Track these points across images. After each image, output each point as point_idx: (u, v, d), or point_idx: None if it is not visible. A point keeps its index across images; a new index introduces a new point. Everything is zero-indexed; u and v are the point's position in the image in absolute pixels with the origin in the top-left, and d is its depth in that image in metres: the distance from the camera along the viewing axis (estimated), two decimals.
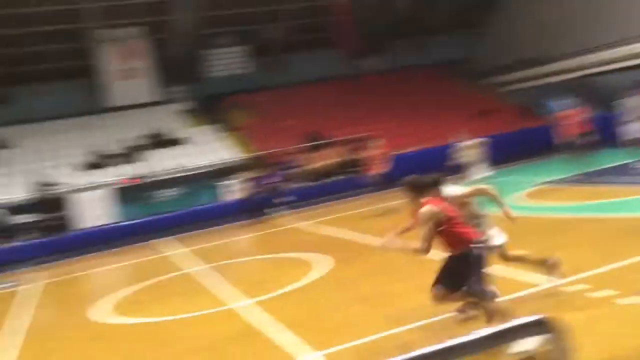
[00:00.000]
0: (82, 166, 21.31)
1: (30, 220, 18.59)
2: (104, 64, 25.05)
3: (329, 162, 21.57)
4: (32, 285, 13.44)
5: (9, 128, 23.48)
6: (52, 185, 19.46)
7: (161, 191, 19.94)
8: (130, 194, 19.62)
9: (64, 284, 13.66)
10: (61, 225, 18.53)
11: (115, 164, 21.41)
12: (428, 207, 5.39)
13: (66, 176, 20.56)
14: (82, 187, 19.82)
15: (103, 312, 9.54)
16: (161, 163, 21.45)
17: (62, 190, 19.39)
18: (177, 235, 17.31)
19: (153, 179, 20.14)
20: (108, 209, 19.21)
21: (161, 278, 11.65)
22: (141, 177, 20.13)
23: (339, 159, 21.37)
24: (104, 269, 14.87)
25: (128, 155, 21.82)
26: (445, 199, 5.69)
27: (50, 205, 18.75)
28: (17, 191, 19.75)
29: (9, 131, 23.35)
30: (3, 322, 9.99)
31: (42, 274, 14.88)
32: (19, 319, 10.09)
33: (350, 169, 20.72)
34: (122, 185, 19.83)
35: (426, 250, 5.36)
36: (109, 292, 11.24)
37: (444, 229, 5.37)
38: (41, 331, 9.36)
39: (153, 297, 10.31)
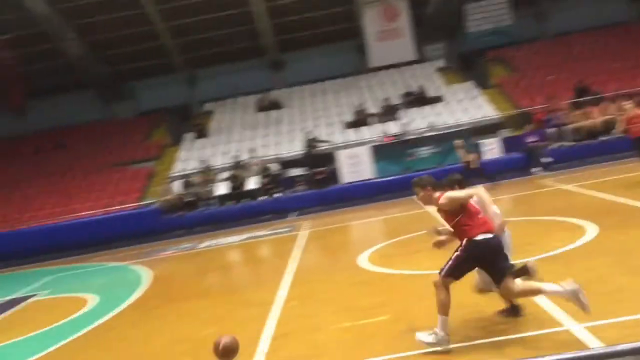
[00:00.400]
0: (346, 124, 22.71)
1: (300, 174, 20.57)
2: (367, 25, 26.08)
3: (596, 119, 19.48)
4: (299, 232, 14.98)
5: (283, 91, 26.26)
6: (320, 142, 21.19)
7: (417, 149, 20.25)
8: (387, 151, 20.33)
9: (326, 233, 14.94)
10: (326, 179, 20.13)
11: (376, 122, 22.35)
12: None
13: (332, 134, 22.19)
14: (346, 144, 21.18)
15: (361, 260, 10.22)
16: (419, 121, 21.77)
17: (329, 147, 20.99)
18: None
19: (409, 137, 20.56)
20: (367, 165, 20.23)
21: (417, 234, 11.97)
22: (398, 135, 20.70)
23: (607, 117, 19.12)
24: (363, 222, 15.85)
25: (387, 113, 22.59)
26: None
27: (317, 161, 20.46)
28: (289, 147, 21.99)
29: (283, 93, 26.10)
30: (278, 263, 11.34)
31: (307, 223, 16.44)
32: (289, 261, 11.36)
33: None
34: (380, 143, 20.67)
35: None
36: (367, 243, 11.96)
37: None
38: (308, 272, 10.43)
39: (406, 250, 10.68)
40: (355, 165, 20.19)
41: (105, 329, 9.05)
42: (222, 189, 20.00)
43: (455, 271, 5.74)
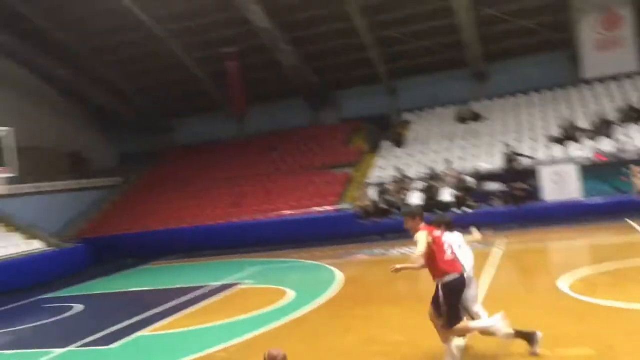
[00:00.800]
0: (552, 139, 21.41)
1: (497, 188, 19.87)
2: (583, 34, 24.31)
3: None
4: (493, 249, 14.49)
5: (484, 102, 25.59)
6: (521, 156, 20.29)
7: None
8: (598, 170, 18.78)
9: (523, 252, 14.25)
10: (526, 196, 19.19)
11: (585, 139, 20.75)
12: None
13: (535, 149, 21.09)
14: (550, 159, 20.00)
15: (562, 285, 9.61)
16: (639, 139, 19.76)
17: (530, 162, 19.99)
18: None
19: (626, 156, 18.75)
20: (574, 184, 18.89)
21: (627, 262, 10.93)
22: (611, 154, 19.00)
23: None
24: (565, 244, 14.84)
25: (600, 129, 20.84)
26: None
27: (517, 176, 19.61)
28: (487, 161, 21.36)
29: (484, 105, 25.44)
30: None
31: (502, 240, 15.83)
32: (482, 278, 11.07)
33: None
34: (591, 162, 19.17)
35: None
36: (569, 267, 11.20)
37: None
38: (501, 292, 10.08)
39: (615, 280, 9.80)
40: (560, 184, 18.97)
41: (302, 322, 9.70)
42: (415, 198, 20.12)
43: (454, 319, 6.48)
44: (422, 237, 6.54)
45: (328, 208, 21.43)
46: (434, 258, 6.55)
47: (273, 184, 24.22)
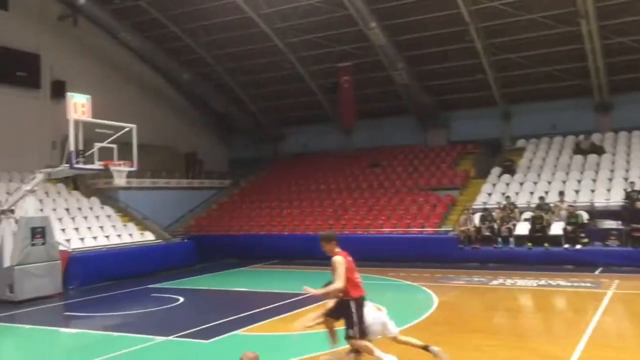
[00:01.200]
0: None
1: (615, 227, 18.63)
2: None
3: None
4: (604, 291, 13.60)
5: (607, 135, 24.14)
6: None
7: None
8: None
9: (635, 296, 13.28)
10: None
11: None
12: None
13: None
14: None
15: None
16: None
17: None
18: None
19: None
20: None
21: None
22: None
23: None
24: None
25: None
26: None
27: (638, 216, 18.29)
28: (604, 196, 20.11)
29: (606, 137, 24.00)
30: (574, 319, 10.51)
31: (615, 282, 14.80)
32: (587, 319, 10.42)
33: None
34: None
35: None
36: None
37: None
38: (606, 336, 9.44)
39: None
40: None
41: (391, 342, 9.58)
42: (522, 228, 19.32)
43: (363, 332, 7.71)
44: (341, 261, 7.64)
45: (429, 229, 21.10)
46: (348, 279, 7.66)
47: (376, 199, 24.21)
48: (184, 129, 31.20)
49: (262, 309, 12.70)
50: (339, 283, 7.61)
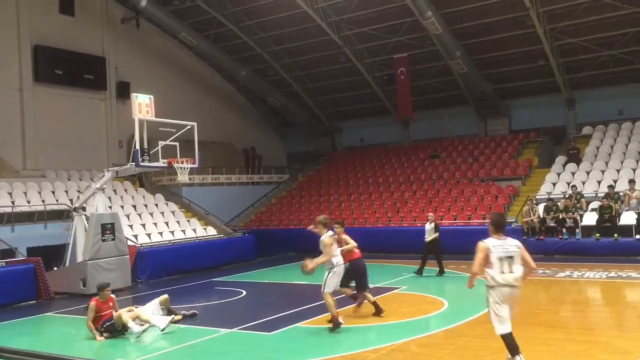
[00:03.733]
0: None
1: None
2: None
3: None
4: None
5: None
6: None
7: None
8: None
9: None
10: None
11: None
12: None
13: None
14: None
15: None
16: None
17: None
18: None
19: None
20: None
21: None
22: None
23: None
24: None
25: None
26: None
27: None
28: None
29: None
30: None
31: None
32: None
33: None
34: None
35: None
36: None
37: None
38: None
39: None
40: None
41: (454, 335, 9.52)
42: (589, 219, 18.66)
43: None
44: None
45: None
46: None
47: (435, 191, 23.94)
48: (242, 125, 31.74)
49: (321, 302, 12.79)
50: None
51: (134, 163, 15.36)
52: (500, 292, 7.10)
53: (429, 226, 16.48)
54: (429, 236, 16.29)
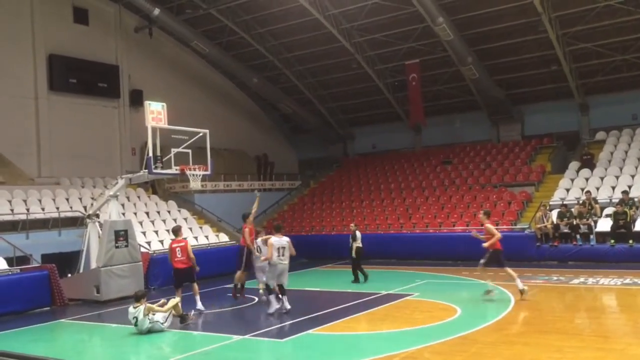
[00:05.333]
0: None
1: None
2: None
3: None
4: None
5: None
6: None
7: None
8: None
9: None
10: None
11: None
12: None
13: None
14: None
15: None
16: None
17: None
18: None
19: None
20: None
21: None
22: None
23: None
24: None
25: None
26: None
27: None
28: None
29: None
30: None
31: None
32: None
33: None
34: None
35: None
36: None
37: None
38: None
39: None
40: None
41: (467, 342, 9.45)
42: (603, 225, 18.50)
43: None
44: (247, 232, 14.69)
45: (503, 227, 20.57)
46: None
47: (447, 197, 23.85)
48: (254, 132, 31.85)
49: (333, 308, 12.80)
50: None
51: (147, 170, 15.44)
52: (276, 267, 12.48)
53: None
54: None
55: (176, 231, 13.89)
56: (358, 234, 17.04)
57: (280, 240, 12.59)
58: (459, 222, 21.75)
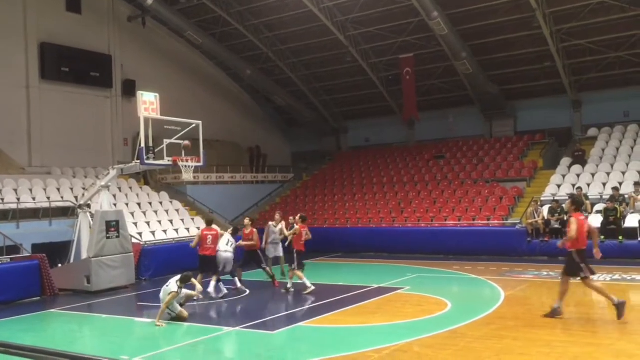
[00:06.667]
0: None
1: None
2: None
3: None
4: None
5: None
6: None
7: None
8: None
9: None
10: None
11: None
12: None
13: None
14: None
15: None
16: None
17: None
18: None
19: None
20: None
21: None
22: None
23: None
24: None
25: None
26: None
27: None
28: None
29: None
30: None
31: None
32: None
33: None
34: None
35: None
36: None
37: None
38: None
39: None
40: None
41: (457, 336, 9.50)
42: (593, 221, 18.57)
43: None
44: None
45: (495, 222, 20.67)
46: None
47: (439, 192, 23.91)
48: (247, 124, 31.78)
49: (325, 301, 12.83)
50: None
51: (139, 161, 15.37)
52: (220, 256, 14.08)
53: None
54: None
55: (210, 221, 14.95)
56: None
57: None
58: (450, 216, 21.83)
